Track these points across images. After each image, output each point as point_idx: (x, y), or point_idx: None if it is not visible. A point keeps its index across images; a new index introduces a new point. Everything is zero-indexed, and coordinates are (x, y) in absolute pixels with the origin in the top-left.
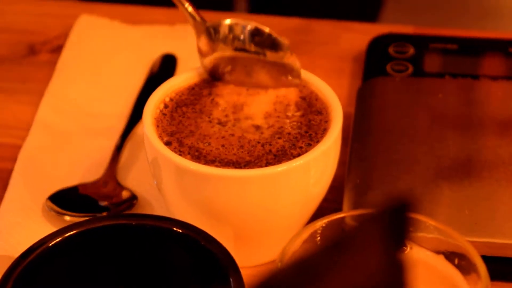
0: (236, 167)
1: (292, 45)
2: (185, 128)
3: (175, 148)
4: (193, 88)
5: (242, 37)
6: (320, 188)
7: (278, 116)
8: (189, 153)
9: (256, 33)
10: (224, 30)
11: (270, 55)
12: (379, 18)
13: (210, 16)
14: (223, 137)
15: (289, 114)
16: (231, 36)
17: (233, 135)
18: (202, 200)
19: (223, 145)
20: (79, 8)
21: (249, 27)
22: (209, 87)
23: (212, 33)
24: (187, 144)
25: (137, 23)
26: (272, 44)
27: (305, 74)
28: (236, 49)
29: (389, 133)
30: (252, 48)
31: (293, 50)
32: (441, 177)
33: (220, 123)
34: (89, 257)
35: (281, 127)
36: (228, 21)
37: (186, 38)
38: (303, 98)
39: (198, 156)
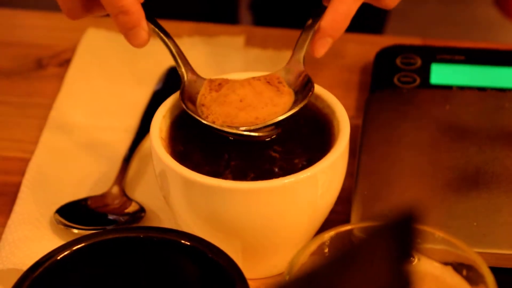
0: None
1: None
2: (192, 141)
3: (182, 161)
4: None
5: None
6: (328, 200)
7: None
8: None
9: None
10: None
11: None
12: (384, 31)
13: (215, 30)
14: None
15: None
16: None
17: None
18: (210, 212)
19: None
20: (86, 21)
21: None
22: None
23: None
24: (193, 156)
25: None
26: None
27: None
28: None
29: (397, 144)
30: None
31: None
32: (449, 189)
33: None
34: (97, 270)
35: None
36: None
37: (192, 51)
38: (310, 110)
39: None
